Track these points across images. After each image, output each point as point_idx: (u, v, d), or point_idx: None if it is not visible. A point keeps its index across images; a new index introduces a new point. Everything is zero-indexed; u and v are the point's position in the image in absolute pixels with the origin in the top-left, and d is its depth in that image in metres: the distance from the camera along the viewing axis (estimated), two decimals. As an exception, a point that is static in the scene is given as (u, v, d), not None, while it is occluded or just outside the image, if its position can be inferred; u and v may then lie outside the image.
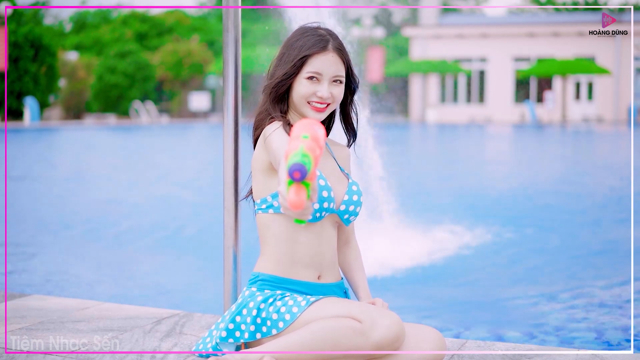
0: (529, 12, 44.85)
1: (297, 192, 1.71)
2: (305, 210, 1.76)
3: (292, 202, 1.71)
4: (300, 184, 1.72)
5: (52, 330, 2.75)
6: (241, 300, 2.34)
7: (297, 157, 1.71)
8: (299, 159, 1.71)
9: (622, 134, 23.28)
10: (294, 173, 1.70)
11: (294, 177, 1.70)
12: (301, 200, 1.71)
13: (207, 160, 14.13)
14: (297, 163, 1.70)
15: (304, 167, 1.70)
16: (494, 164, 14.61)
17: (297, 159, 1.71)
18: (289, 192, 1.72)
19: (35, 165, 13.30)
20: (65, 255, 6.03)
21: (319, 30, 2.39)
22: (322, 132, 1.82)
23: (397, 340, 2.15)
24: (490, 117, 33.87)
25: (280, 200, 1.78)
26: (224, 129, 2.73)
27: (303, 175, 1.70)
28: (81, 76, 36.36)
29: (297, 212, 1.77)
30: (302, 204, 1.71)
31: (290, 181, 1.72)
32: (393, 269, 5.15)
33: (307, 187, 1.72)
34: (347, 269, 2.53)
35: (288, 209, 1.76)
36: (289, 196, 1.72)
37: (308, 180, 1.72)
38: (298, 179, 1.70)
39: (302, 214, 1.78)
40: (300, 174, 1.70)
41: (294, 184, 1.72)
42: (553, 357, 2.50)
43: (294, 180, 1.70)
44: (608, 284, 4.88)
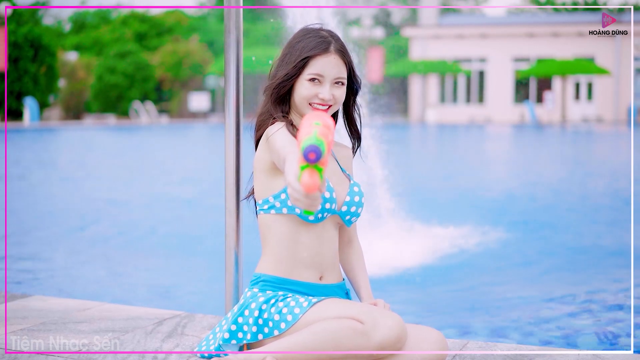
0: (529, 12, 44.86)
1: (310, 175, 1.70)
2: (315, 199, 1.75)
3: (306, 185, 1.69)
4: (313, 168, 1.70)
5: (52, 331, 2.74)
6: (243, 301, 2.34)
7: (312, 140, 1.70)
8: (313, 142, 1.70)
9: (621, 134, 23.29)
10: (309, 154, 1.68)
11: (309, 158, 1.68)
12: (315, 183, 1.69)
13: (207, 160, 14.13)
14: (312, 144, 1.69)
15: (319, 149, 1.68)
16: (493, 164, 14.61)
17: (312, 142, 1.70)
18: (302, 175, 1.70)
19: (35, 166, 13.29)
20: (65, 255, 6.03)
21: (321, 31, 2.39)
22: (332, 122, 1.82)
23: (399, 341, 2.15)
24: (489, 117, 33.88)
25: (290, 191, 1.76)
26: (226, 129, 2.73)
27: (318, 156, 1.68)
28: (81, 76, 36.37)
29: (306, 202, 1.75)
30: (316, 187, 1.69)
31: (303, 166, 1.70)
32: (394, 269, 5.15)
33: (319, 172, 1.70)
34: (349, 269, 2.53)
35: (299, 198, 1.74)
36: (302, 179, 1.70)
37: (321, 165, 1.70)
38: (313, 159, 1.68)
39: (311, 204, 1.76)
40: (316, 154, 1.68)
41: (308, 168, 1.70)
42: (554, 357, 2.50)
43: (309, 161, 1.68)
44: (608, 284, 4.89)
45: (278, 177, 2.33)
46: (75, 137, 22.47)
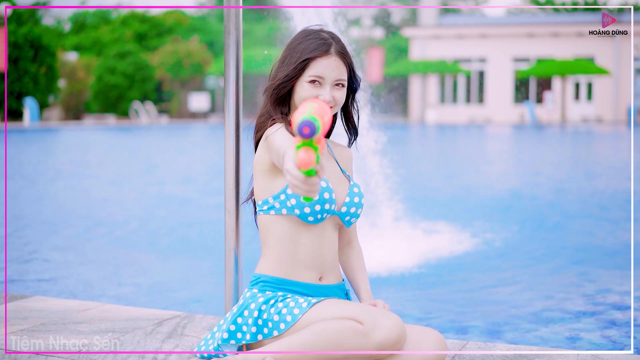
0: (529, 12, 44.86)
1: (306, 151, 1.68)
2: (313, 185, 1.75)
3: (301, 161, 1.68)
4: (309, 146, 1.69)
5: (52, 332, 2.74)
6: (242, 301, 2.34)
7: (306, 116, 1.69)
8: (307, 117, 1.68)
9: (621, 134, 23.29)
10: (303, 128, 1.66)
11: (303, 133, 1.66)
12: (311, 159, 1.68)
13: (207, 160, 14.14)
14: (306, 119, 1.67)
15: (313, 124, 1.66)
16: (493, 164, 14.61)
17: (306, 117, 1.68)
18: (298, 153, 1.69)
19: (35, 166, 13.29)
20: (65, 256, 6.03)
21: (321, 33, 2.39)
22: (329, 109, 1.81)
23: (399, 342, 2.15)
24: (489, 117, 33.88)
25: (288, 178, 1.77)
26: (225, 130, 2.73)
27: (312, 130, 1.66)
28: (81, 76, 36.37)
29: (305, 188, 1.75)
30: (311, 163, 1.68)
31: (298, 145, 1.69)
32: (394, 269, 5.16)
33: (315, 150, 1.69)
34: (349, 270, 2.53)
35: (297, 185, 1.74)
36: (298, 156, 1.68)
37: (316, 144, 1.69)
38: (308, 134, 1.66)
39: (310, 190, 1.76)
40: (310, 129, 1.66)
41: (303, 146, 1.68)
42: (553, 357, 2.51)
43: (304, 135, 1.66)
44: (608, 284, 4.89)
45: (277, 178, 2.33)
46: (75, 138, 22.47)
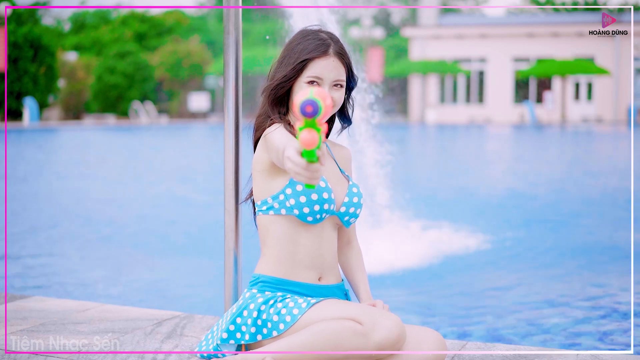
0: (529, 12, 44.86)
1: (309, 131, 1.68)
2: (315, 172, 1.75)
3: (305, 141, 1.67)
4: (311, 127, 1.68)
5: (52, 332, 2.74)
6: (242, 301, 2.34)
7: (308, 96, 1.68)
8: (309, 97, 1.68)
9: (621, 134, 23.29)
10: (306, 107, 1.66)
11: (306, 112, 1.66)
12: (314, 138, 1.68)
13: (207, 160, 14.14)
14: (309, 99, 1.67)
15: (316, 103, 1.66)
16: (493, 164, 14.61)
17: (308, 97, 1.68)
18: (301, 133, 1.68)
19: (34, 166, 13.29)
20: (65, 256, 6.03)
21: (320, 33, 2.39)
22: (329, 96, 1.81)
23: (398, 342, 2.15)
24: (489, 117, 33.88)
25: (290, 165, 1.77)
26: (225, 130, 2.73)
27: (315, 109, 1.66)
28: (80, 76, 36.36)
29: (307, 175, 1.75)
30: (315, 142, 1.68)
31: (301, 127, 1.69)
32: (393, 269, 5.16)
33: (318, 132, 1.69)
34: (348, 270, 2.53)
35: (299, 172, 1.73)
36: (301, 136, 1.68)
37: (319, 125, 1.69)
38: (311, 112, 1.66)
39: (312, 177, 1.76)
40: (313, 108, 1.66)
41: (306, 128, 1.68)
42: (553, 357, 2.51)
43: (306, 114, 1.66)
44: (608, 284, 4.89)
45: (277, 178, 2.33)
46: (74, 138, 22.47)
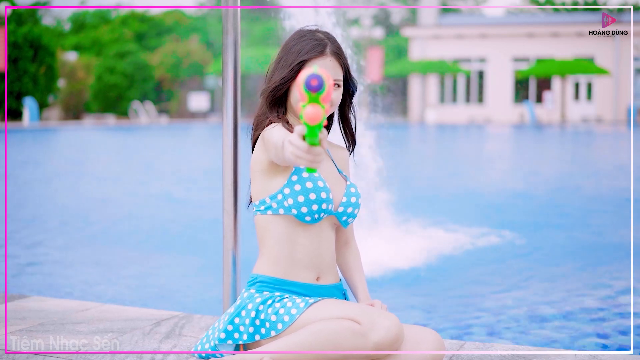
0: (528, 12, 44.87)
1: (313, 106, 1.67)
2: (317, 155, 1.75)
3: (309, 115, 1.66)
4: (315, 102, 1.67)
5: (52, 332, 2.75)
6: (240, 301, 2.34)
7: (312, 71, 1.67)
8: (314, 72, 1.66)
9: (621, 135, 23.29)
10: (311, 80, 1.64)
11: (311, 85, 1.64)
12: (319, 113, 1.66)
13: (206, 161, 14.14)
14: (313, 73, 1.65)
15: (320, 77, 1.65)
16: (493, 164, 14.61)
17: (313, 72, 1.66)
18: (305, 108, 1.67)
19: (34, 166, 13.29)
20: (64, 256, 6.04)
21: (317, 33, 2.39)
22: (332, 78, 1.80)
23: (396, 342, 2.16)
24: (489, 117, 33.88)
25: (291, 149, 1.77)
26: (224, 130, 2.74)
27: (320, 83, 1.65)
28: (80, 76, 36.37)
29: (309, 158, 1.75)
30: (319, 117, 1.67)
31: (304, 104, 1.68)
32: (391, 270, 5.16)
33: (322, 108, 1.68)
34: (346, 270, 2.53)
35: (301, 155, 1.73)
36: (306, 111, 1.67)
37: (322, 102, 1.68)
38: (315, 86, 1.64)
39: (314, 160, 1.76)
40: (318, 81, 1.64)
41: (310, 103, 1.67)
42: (551, 357, 2.51)
43: (311, 88, 1.65)
44: (608, 284, 4.89)
45: (275, 177, 2.34)
46: (74, 138, 22.47)
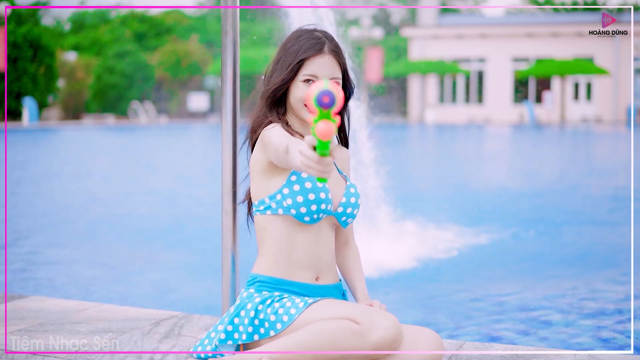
0: (528, 12, 44.87)
1: (325, 122, 1.66)
2: (328, 165, 1.74)
3: (322, 131, 1.65)
4: (327, 118, 1.66)
5: (51, 332, 2.75)
6: (239, 301, 2.35)
7: (324, 87, 1.66)
8: (325, 88, 1.65)
9: (621, 135, 23.30)
10: (323, 97, 1.63)
11: (323, 102, 1.64)
12: (331, 129, 1.66)
13: (205, 161, 14.13)
14: (325, 89, 1.65)
15: (332, 94, 1.64)
16: (492, 164, 14.62)
17: (324, 88, 1.65)
18: (317, 124, 1.66)
19: (34, 166, 13.29)
20: (64, 256, 6.04)
21: (314, 32, 2.39)
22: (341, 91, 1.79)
23: (395, 342, 2.16)
24: (489, 117, 33.88)
25: (301, 160, 1.77)
26: (223, 130, 2.74)
27: (332, 100, 1.64)
28: (80, 76, 36.35)
29: (319, 168, 1.74)
30: (331, 133, 1.66)
31: (316, 119, 1.67)
32: (390, 270, 5.16)
33: (333, 123, 1.67)
34: (346, 270, 2.53)
35: (311, 166, 1.73)
36: (318, 127, 1.66)
37: (333, 117, 1.67)
38: (327, 103, 1.64)
39: (324, 170, 1.75)
40: (329, 98, 1.64)
41: (321, 119, 1.66)
42: (550, 357, 2.51)
43: (323, 105, 1.64)
44: (608, 284, 4.89)
45: (274, 177, 2.34)
46: (74, 137, 22.46)
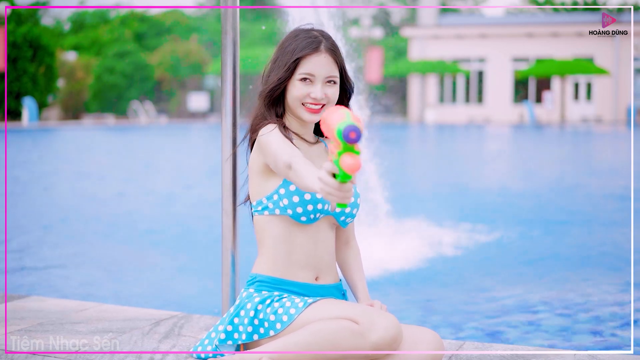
0: (528, 12, 44.87)
1: (351, 156, 1.65)
2: (348, 191, 1.73)
3: (350, 166, 1.65)
4: (351, 151, 1.65)
5: (51, 332, 2.75)
6: (239, 301, 2.35)
7: (348, 121, 1.66)
8: (351, 122, 1.65)
9: (621, 135, 23.30)
10: (350, 133, 1.63)
11: (350, 138, 1.63)
12: (358, 163, 1.65)
13: (205, 160, 14.14)
14: (351, 124, 1.64)
15: (358, 129, 1.64)
16: (492, 164, 14.62)
17: (350, 122, 1.65)
18: (343, 158, 1.66)
19: (33, 166, 13.29)
20: (63, 256, 6.04)
21: (311, 31, 2.39)
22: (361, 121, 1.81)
23: (395, 342, 2.16)
24: (489, 117, 33.88)
25: (321, 186, 1.75)
26: (222, 131, 2.74)
27: (358, 135, 1.64)
28: (80, 76, 36.34)
29: (340, 195, 1.72)
30: (359, 166, 1.66)
31: (340, 151, 1.66)
32: (390, 270, 5.16)
33: (358, 155, 1.67)
34: (346, 269, 2.53)
35: (332, 192, 1.71)
36: (345, 161, 1.65)
37: (357, 148, 1.66)
38: (354, 138, 1.63)
39: (344, 197, 1.73)
40: (356, 134, 1.63)
41: (346, 152, 1.65)
42: (550, 357, 2.51)
43: (350, 140, 1.63)
44: (608, 284, 4.89)
45: (271, 178, 2.34)
46: (74, 137, 22.46)
